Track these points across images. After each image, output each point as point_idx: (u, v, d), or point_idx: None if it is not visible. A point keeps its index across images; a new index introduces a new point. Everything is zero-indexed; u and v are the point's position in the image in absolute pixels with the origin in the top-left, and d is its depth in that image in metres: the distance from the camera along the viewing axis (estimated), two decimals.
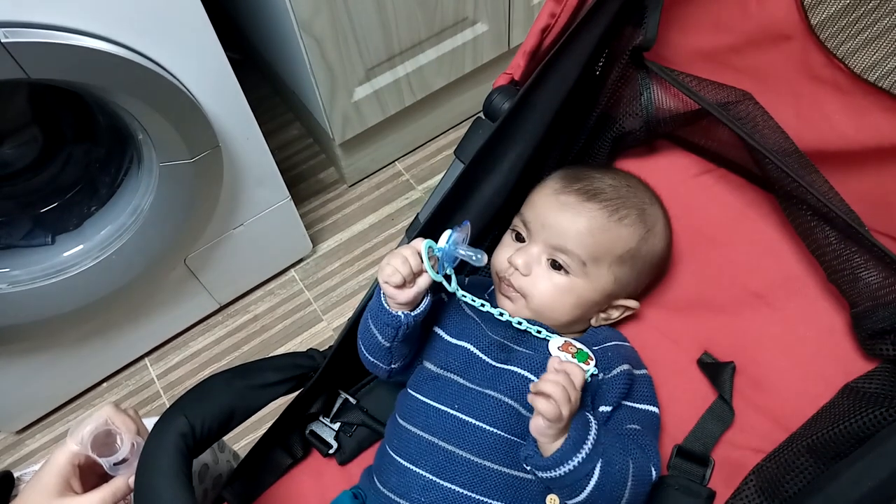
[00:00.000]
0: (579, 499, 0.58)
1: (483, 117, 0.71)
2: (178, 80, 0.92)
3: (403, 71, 1.30)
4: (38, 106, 1.05)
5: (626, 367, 0.67)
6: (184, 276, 1.23)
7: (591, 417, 0.60)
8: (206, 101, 0.98)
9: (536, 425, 0.57)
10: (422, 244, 0.63)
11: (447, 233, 0.63)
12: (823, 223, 0.69)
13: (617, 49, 0.76)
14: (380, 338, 0.67)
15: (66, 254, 1.06)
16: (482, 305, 0.67)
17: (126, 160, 1.06)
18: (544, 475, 0.58)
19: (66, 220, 1.08)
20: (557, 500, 0.62)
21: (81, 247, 1.06)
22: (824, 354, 0.73)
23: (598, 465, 0.57)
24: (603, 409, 0.65)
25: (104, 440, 0.59)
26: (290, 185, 1.26)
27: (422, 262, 0.62)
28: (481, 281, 0.79)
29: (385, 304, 0.65)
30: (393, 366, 0.70)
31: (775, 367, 0.73)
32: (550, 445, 0.57)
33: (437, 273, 0.63)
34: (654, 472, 0.62)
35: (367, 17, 1.16)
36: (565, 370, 0.58)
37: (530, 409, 0.57)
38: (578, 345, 0.68)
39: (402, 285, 0.63)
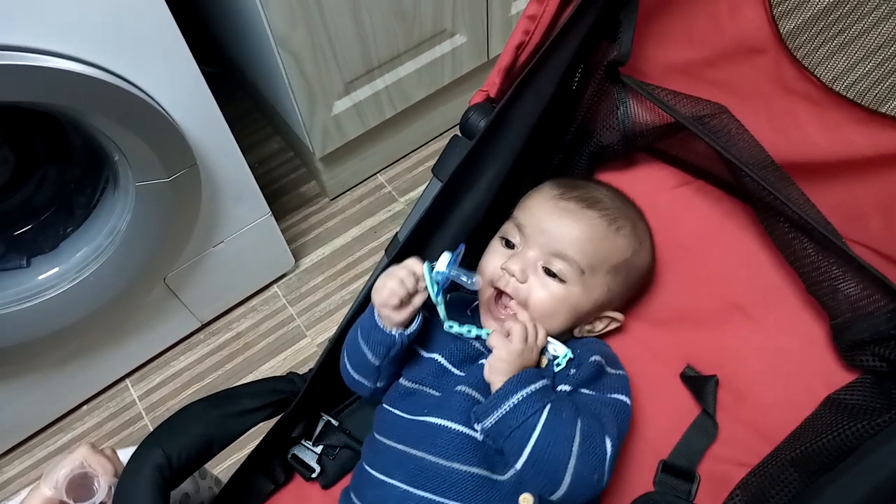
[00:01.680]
0: (527, 451, 0.57)
1: (460, 135, 0.70)
2: (152, 98, 0.91)
3: (383, 84, 1.30)
4: (9, 126, 1.04)
5: (597, 357, 0.67)
6: (164, 296, 1.22)
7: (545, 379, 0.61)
8: (182, 119, 0.96)
9: (488, 363, 0.61)
10: (419, 266, 0.62)
11: (446, 256, 0.63)
12: (801, 235, 0.69)
13: (592, 64, 0.76)
14: (370, 356, 0.66)
15: (41, 276, 1.04)
16: (469, 331, 0.66)
17: (102, 180, 1.05)
18: (490, 419, 0.58)
19: (42, 243, 1.06)
20: (531, 500, 0.61)
21: (57, 269, 1.04)
22: (806, 365, 0.73)
23: (546, 409, 0.57)
24: (562, 388, 0.64)
25: (80, 482, 0.57)
26: (271, 200, 1.25)
27: (417, 283, 0.62)
28: (461, 297, 0.78)
29: (379, 323, 0.64)
30: (378, 384, 0.69)
31: (757, 379, 0.73)
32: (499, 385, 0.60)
33: (436, 297, 0.62)
34: (608, 445, 0.59)
35: (344, 31, 1.15)
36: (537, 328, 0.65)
37: None
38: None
39: (399, 306, 0.62)
